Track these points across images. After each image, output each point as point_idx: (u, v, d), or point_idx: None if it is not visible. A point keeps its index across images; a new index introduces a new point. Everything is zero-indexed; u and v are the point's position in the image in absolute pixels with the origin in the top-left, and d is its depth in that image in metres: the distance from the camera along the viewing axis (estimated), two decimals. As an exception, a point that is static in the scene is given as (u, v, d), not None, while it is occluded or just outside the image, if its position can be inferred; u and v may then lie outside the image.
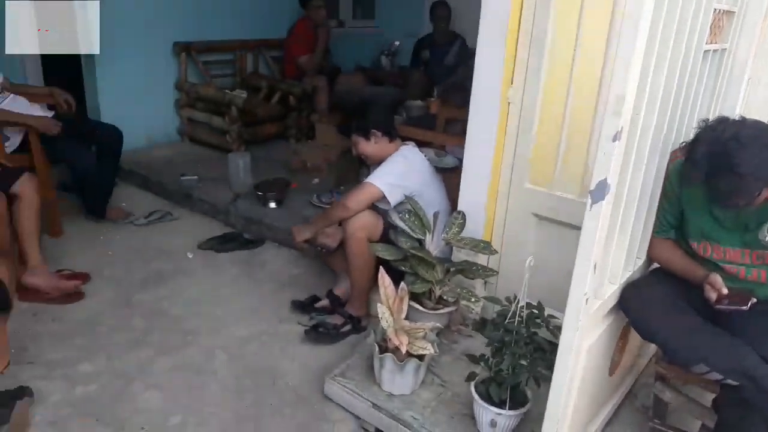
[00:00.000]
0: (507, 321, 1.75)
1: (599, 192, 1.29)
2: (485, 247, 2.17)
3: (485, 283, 2.39)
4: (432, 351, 1.91)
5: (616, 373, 1.99)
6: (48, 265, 2.66)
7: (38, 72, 4.25)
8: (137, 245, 3.14)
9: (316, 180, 3.94)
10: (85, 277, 2.76)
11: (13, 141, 3.05)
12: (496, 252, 2.24)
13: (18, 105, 3.07)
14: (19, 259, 2.56)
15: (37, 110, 3.14)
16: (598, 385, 1.84)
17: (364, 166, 3.17)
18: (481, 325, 2.40)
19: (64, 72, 4.14)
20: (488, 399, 1.78)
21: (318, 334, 2.42)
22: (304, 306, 2.63)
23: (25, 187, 2.58)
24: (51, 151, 3.07)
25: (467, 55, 5.04)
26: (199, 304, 2.63)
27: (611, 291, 1.68)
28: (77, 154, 3.12)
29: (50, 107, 3.25)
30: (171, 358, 2.27)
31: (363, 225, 2.36)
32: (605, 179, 1.28)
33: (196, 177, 3.78)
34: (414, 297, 2.12)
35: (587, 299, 1.42)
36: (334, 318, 2.51)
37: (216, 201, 3.51)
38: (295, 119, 4.75)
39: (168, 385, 2.12)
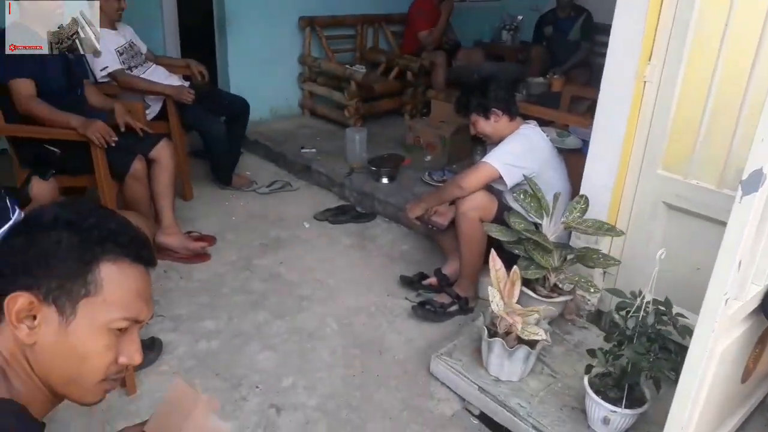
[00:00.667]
0: (630, 315, 1.64)
1: (753, 183, 1.15)
2: (610, 229, 2.03)
3: (604, 273, 2.26)
4: (544, 338, 1.84)
5: (749, 381, 1.81)
6: (180, 226, 2.87)
7: (176, 44, 4.57)
8: (258, 212, 3.30)
9: (429, 157, 3.91)
10: (211, 240, 2.95)
11: (154, 108, 3.29)
12: (623, 233, 2.09)
13: (158, 75, 3.31)
14: (154, 218, 2.78)
15: (174, 80, 3.37)
16: (728, 393, 1.68)
17: (479, 144, 3.10)
18: (597, 317, 2.30)
19: (199, 45, 4.41)
20: (602, 395, 1.69)
21: (425, 311, 2.43)
22: (411, 282, 2.64)
23: (162, 152, 2.77)
24: (185, 119, 3.29)
25: (591, 30, 4.75)
26: (313, 272, 2.73)
27: (754, 292, 1.52)
28: (208, 123, 3.32)
29: (186, 78, 3.47)
30: (285, 321, 2.37)
31: (477, 205, 2.31)
32: (761, 169, 1.14)
33: (314, 149, 3.90)
34: (526, 282, 2.05)
35: (727, 299, 1.29)
36: (441, 297, 2.50)
37: (332, 174, 3.60)
38: (411, 95, 4.74)
39: (282, 347, 2.23)
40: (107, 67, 3.09)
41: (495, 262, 1.94)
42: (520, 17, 5.72)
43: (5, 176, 2.71)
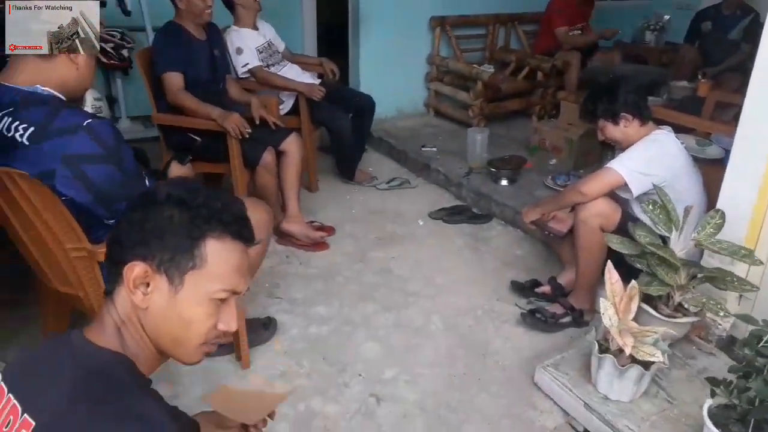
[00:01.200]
0: (762, 344, 1.48)
1: None
2: (747, 255, 1.83)
3: (740, 297, 2.05)
4: (660, 360, 1.71)
5: None
6: (303, 216, 3.03)
7: (314, 43, 4.82)
8: (376, 207, 3.39)
9: (554, 161, 3.78)
10: (330, 230, 3.08)
11: (287, 104, 3.49)
12: (761, 263, 1.88)
13: (293, 72, 3.51)
14: (281, 207, 2.95)
15: (307, 77, 3.55)
16: None
17: (609, 149, 2.93)
18: (729, 344, 2.09)
19: (335, 43, 4.60)
20: (724, 428, 1.54)
21: (534, 319, 2.35)
22: (523, 288, 2.57)
23: (291, 145, 2.93)
24: (315, 115, 3.45)
25: (756, 33, 4.29)
26: (423, 269, 2.75)
27: None
28: (336, 120, 3.46)
29: (319, 76, 3.64)
30: (393, 315, 2.42)
31: (598, 212, 2.20)
32: None
33: (435, 148, 3.93)
34: (647, 299, 1.92)
35: None
36: (553, 306, 2.41)
37: (450, 173, 3.60)
38: (540, 96, 4.60)
39: (387, 339, 2.27)
40: (248, 64, 3.32)
41: (611, 274, 1.84)
42: (666, 17, 5.32)
43: (157, 160, 3.02)
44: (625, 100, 2.24)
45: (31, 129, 1.41)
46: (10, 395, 0.79)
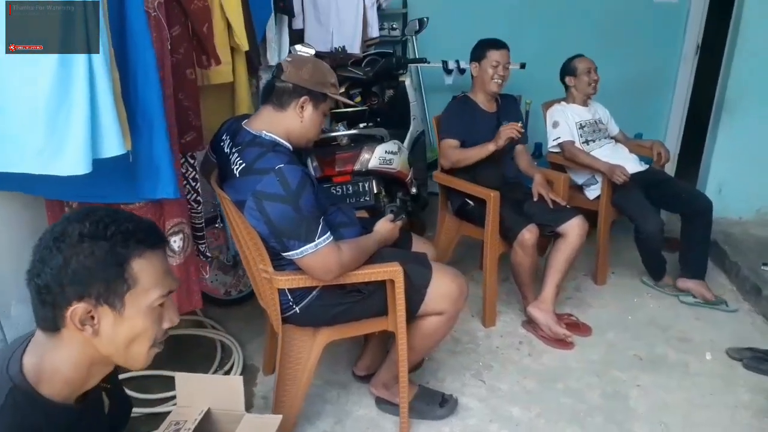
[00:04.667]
0: None
1: None
2: None
3: None
4: None
5: None
6: (561, 306, 2.76)
7: (678, 135, 4.37)
8: (662, 321, 2.81)
9: None
10: (586, 330, 2.72)
11: (597, 187, 3.20)
12: None
13: (618, 152, 3.25)
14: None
15: (630, 160, 3.22)
16: None
17: None
18: None
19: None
20: None
21: None
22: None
23: (571, 229, 2.65)
24: (620, 201, 3.08)
25: None
26: (665, 414, 2.17)
27: None
28: (640, 212, 3.00)
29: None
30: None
31: None
32: None
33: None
34: None
35: None
36: None
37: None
38: None
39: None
40: (558, 138, 3.23)
41: None
42: None
43: (433, 214, 3.21)
44: None
45: (243, 165, 1.74)
46: None
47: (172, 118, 1.74)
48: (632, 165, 3.19)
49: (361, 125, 3.09)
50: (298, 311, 1.88)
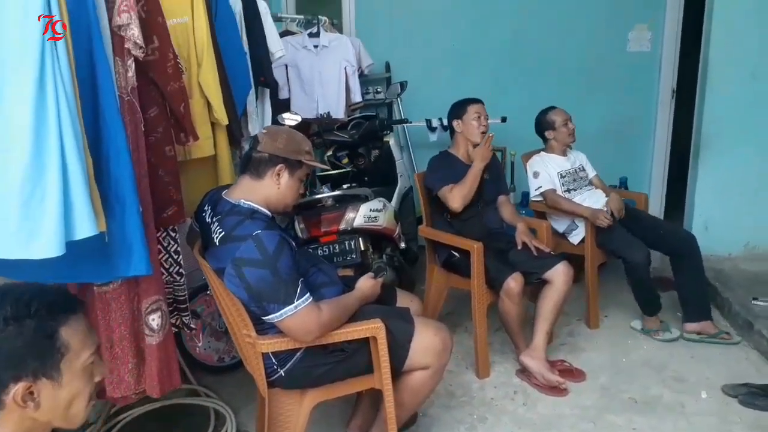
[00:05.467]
0: None
1: None
2: None
3: None
4: None
5: None
6: (555, 352, 2.75)
7: (662, 175, 4.47)
8: (657, 361, 2.80)
9: None
10: (579, 375, 2.71)
11: (580, 230, 3.26)
12: None
13: (593, 198, 3.30)
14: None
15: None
16: None
17: None
18: None
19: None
20: None
21: None
22: None
23: (557, 276, 2.69)
24: (605, 242, 3.13)
25: None
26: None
27: None
28: (627, 249, 3.04)
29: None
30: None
31: None
32: None
33: (772, 304, 3.00)
34: None
35: None
36: None
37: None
38: None
39: None
40: (540, 187, 3.31)
41: None
42: None
43: (421, 268, 3.25)
44: None
45: (222, 233, 1.81)
46: None
47: (147, 196, 1.79)
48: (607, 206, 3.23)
49: (345, 186, 3.18)
50: (283, 374, 1.91)
